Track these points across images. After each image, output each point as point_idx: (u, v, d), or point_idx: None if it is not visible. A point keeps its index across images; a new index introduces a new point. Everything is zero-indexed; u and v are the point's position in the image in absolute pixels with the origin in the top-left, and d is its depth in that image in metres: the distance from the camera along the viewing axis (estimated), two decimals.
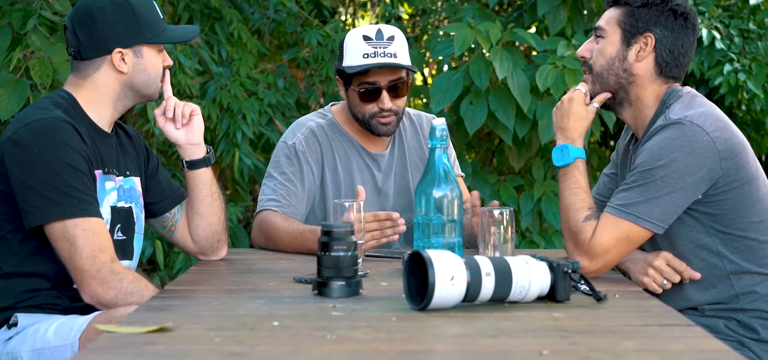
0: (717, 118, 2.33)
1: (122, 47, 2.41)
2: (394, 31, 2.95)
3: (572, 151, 2.45)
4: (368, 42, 2.90)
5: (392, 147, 3.10)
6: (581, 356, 1.51)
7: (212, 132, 4.91)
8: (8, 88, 3.77)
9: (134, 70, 2.43)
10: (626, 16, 2.45)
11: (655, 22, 2.42)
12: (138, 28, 2.42)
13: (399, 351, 1.55)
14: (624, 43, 2.44)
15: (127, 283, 2.27)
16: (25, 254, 2.37)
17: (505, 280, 1.90)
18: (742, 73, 5.12)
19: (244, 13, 5.39)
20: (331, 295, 2.01)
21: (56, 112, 2.34)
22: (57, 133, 2.29)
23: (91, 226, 2.27)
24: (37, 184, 2.27)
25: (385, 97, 2.92)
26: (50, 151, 2.27)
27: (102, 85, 2.43)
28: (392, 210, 3.02)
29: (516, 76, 4.58)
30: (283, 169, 2.96)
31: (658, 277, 2.39)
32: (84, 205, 2.28)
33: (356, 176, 3.03)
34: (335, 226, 2.02)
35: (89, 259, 2.26)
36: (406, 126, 3.15)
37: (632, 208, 2.29)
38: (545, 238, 5.01)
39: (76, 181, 2.28)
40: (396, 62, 2.88)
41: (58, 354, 2.27)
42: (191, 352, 1.53)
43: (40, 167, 2.27)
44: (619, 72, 2.45)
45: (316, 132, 3.01)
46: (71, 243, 2.26)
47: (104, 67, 2.42)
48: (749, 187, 2.34)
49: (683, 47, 2.44)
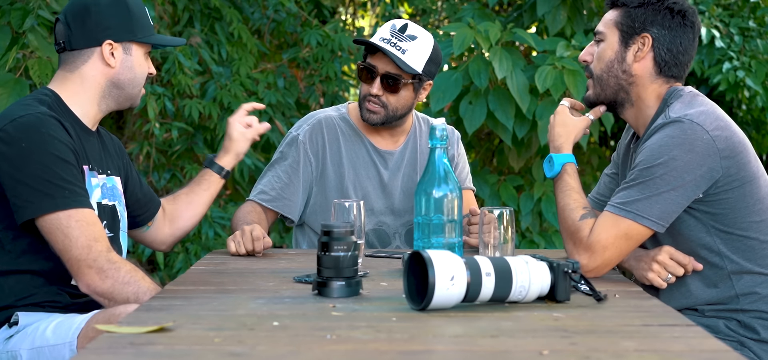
0: (717, 117, 2.33)
1: (113, 40, 2.44)
2: (422, 33, 2.95)
3: (557, 159, 2.48)
4: (390, 30, 2.93)
5: (404, 146, 3.10)
6: (581, 356, 1.51)
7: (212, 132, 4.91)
8: (7, 87, 3.77)
9: (122, 66, 2.46)
10: (623, 17, 2.45)
11: (652, 21, 2.42)
12: (130, 26, 2.46)
13: (399, 351, 1.55)
14: (622, 44, 2.45)
15: (124, 273, 2.27)
16: (18, 252, 2.37)
17: (505, 280, 1.89)
18: (741, 71, 5.12)
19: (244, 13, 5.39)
20: (331, 295, 2.00)
21: (41, 108, 2.35)
22: (44, 127, 2.30)
23: (84, 217, 2.28)
24: (28, 177, 2.27)
25: (377, 83, 2.92)
26: (39, 145, 2.28)
27: (89, 79, 2.45)
28: (397, 208, 3.05)
29: (515, 76, 4.58)
30: (285, 160, 3.03)
31: (662, 272, 2.39)
32: (76, 196, 2.29)
33: (361, 170, 3.04)
34: (335, 226, 2.02)
35: (85, 249, 2.26)
36: (423, 129, 3.14)
37: (631, 205, 2.29)
38: (545, 238, 5.01)
39: (66, 173, 2.29)
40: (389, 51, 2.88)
41: (57, 352, 2.27)
42: (191, 352, 1.53)
43: (30, 161, 2.27)
44: (618, 73, 2.45)
45: (323, 123, 3.05)
46: (65, 234, 2.26)
47: (93, 59, 2.44)
48: (750, 187, 2.34)
49: (682, 45, 2.44)
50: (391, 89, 2.93)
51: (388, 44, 2.89)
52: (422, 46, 2.92)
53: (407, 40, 2.90)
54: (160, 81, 4.74)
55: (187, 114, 4.70)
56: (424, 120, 3.17)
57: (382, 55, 2.91)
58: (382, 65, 2.92)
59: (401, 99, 2.96)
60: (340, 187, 3.01)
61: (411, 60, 2.89)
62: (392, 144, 3.09)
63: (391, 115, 2.97)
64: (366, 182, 3.04)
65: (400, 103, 2.96)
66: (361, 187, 3.03)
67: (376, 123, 2.98)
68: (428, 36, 2.96)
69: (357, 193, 3.02)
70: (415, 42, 2.91)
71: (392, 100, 2.95)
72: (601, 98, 2.50)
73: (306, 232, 3.10)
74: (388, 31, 2.92)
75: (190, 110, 4.68)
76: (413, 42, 2.91)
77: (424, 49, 2.92)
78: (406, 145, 3.10)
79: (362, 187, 3.03)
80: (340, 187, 3.01)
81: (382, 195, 3.05)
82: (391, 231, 3.05)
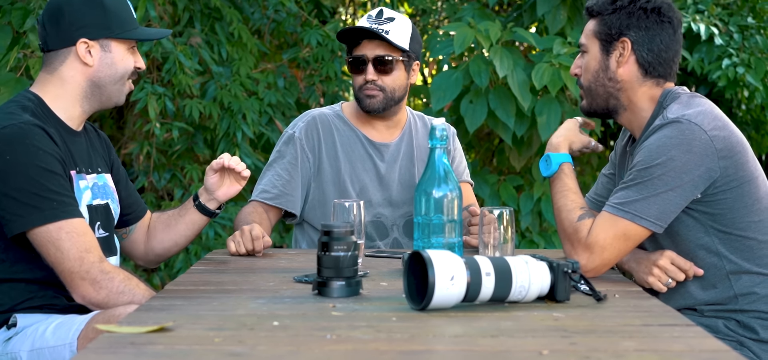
0: (715, 117, 2.33)
1: (88, 38, 2.41)
2: (397, 15, 3.04)
3: (555, 159, 2.50)
4: (368, 18, 3.01)
5: (400, 139, 3.14)
6: (581, 356, 1.51)
7: (212, 132, 4.91)
8: (9, 86, 3.78)
9: (100, 63, 2.43)
10: (600, 25, 2.47)
11: (628, 24, 2.42)
12: (106, 22, 2.42)
13: (399, 351, 1.55)
14: (603, 52, 2.46)
15: (118, 283, 2.27)
16: (12, 261, 2.36)
17: (505, 280, 1.90)
18: (740, 67, 5.12)
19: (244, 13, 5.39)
20: (331, 295, 2.00)
21: (25, 116, 2.32)
22: (28, 138, 2.27)
23: (74, 228, 2.27)
24: (15, 191, 2.25)
25: (370, 69, 2.99)
26: (24, 158, 2.26)
27: (68, 79, 2.43)
28: (395, 200, 3.08)
29: (516, 75, 4.58)
30: (282, 157, 3.06)
31: (663, 276, 2.39)
32: (64, 207, 2.27)
33: (358, 163, 3.07)
34: (335, 226, 2.02)
35: (77, 261, 2.25)
36: (418, 125, 3.20)
37: (629, 206, 2.29)
38: (545, 238, 5.01)
39: (53, 184, 2.27)
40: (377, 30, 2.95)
41: (57, 354, 2.27)
42: (191, 352, 1.53)
43: (16, 174, 2.25)
44: (605, 82, 2.46)
45: (317, 120, 3.09)
46: (56, 247, 2.25)
47: (70, 59, 2.42)
48: (749, 187, 2.34)
49: (663, 43, 2.43)
50: (385, 70, 3.01)
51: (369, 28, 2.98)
52: (402, 26, 3.02)
53: (387, 22, 3.00)
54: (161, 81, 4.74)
55: (187, 114, 4.70)
56: (420, 117, 3.23)
57: (368, 42, 3.00)
58: (371, 51, 3.00)
59: (396, 79, 3.03)
60: (337, 181, 3.04)
61: (396, 38, 2.98)
62: (388, 136, 3.13)
63: (390, 97, 3.03)
64: (363, 175, 3.06)
65: (396, 84, 3.03)
66: (358, 180, 3.05)
67: (377, 108, 3.03)
68: (405, 17, 3.07)
69: (354, 186, 3.04)
70: (395, 23, 3.01)
71: (388, 82, 3.01)
72: (593, 107, 2.52)
73: (305, 231, 3.11)
74: (367, 21, 3.01)
75: (191, 110, 4.68)
76: (393, 23, 3.00)
77: (404, 28, 3.02)
78: (402, 138, 3.14)
79: (359, 180, 3.05)
80: (338, 181, 3.04)
81: (379, 187, 3.08)
82: (389, 222, 3.07)
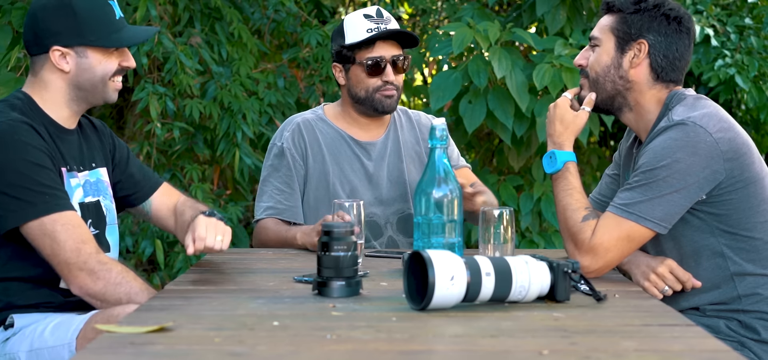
0: (721, 118, 2.33)
1: (61, 46, 2.39)
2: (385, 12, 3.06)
3: (560, 156, 2.46)
4: (370, 19, 3.01)
5: (386, 137, 3.13)
6: (581, 356, 1.51)
7: (212, 132, 4.91)
8: (9, 86, 3.78)
9: (77, 69, 2.41)
10: (619, 23, 2.44)
11: (648, 27, 2.42)
12: (79, 30, 2.39)
13: (399, 351, 1.55)
14: (618, 50, 2.44)
15: (116, 274, 2.27)
16: (5, 259, 2.36)
17: (505, 280, 1.90)
18: (732, 68, 5.11)
19: (244, 12, 5.38)
20: (331, 295, 2.01)
21: (12, 114, 2.33)
22: (17, 134, 2.28)
23: (69, 220, 2.27)
24: (6, 187, 2.26)
25: (390, 70, 3.00)
26: (13, 154, 2.27)
27: (50, 83, 2.43)
28: (385, 198, 3.07)
29: (514, 75, 4.57)
30: (277, 171, 3.05)
31: (659, 283, 2.39)
32: (57, 200, 2.28)
33: (345, 165, 3.06)
34: (335, 226, 2.02)
35: (74, 252, 2.25)
36: (403, 121, 3.18)
37: (634, 207, 2.29)
38: (545, 238, 5.00)
39: (44, 178, 2.28)
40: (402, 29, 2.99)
41: (56, 354, 2.27)
42: (191, 352, 1.53)
43: (6, 171, 2.26)
44: (615, 79, 2.45)
45: (302, 126, 3.08)
46: (52, 239, 2.25)
47: (48, 65, 2.42)
48: (755, 188, 2.34)
49: (678, 51, 2.43)
50: (399, 70, 3.04)
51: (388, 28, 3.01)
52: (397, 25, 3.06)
53: (389, 20, 3.03)
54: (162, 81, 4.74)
55: (187, 114, 4.70)
56: (404, 111, 3.22)
57: (383, 42, 3.00)
58: (387, 52, 3.01)
59: (403, 76, 3.08)
60: (326, 185, 3.03)
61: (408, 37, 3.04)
62: (374, 134, 3.12)
63: (399, 94, 3.08)
64: (351, 176, 3.05)
65: (402, 80, 3.08)
66: (347, 182, 3.04)
67: (394, 108, 3.07)
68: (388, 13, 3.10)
69: (344, 187, 3.03)
70: (393, 21, 3.04)
71: (400, 80, 3.06)
72: (596, 100, 2.49)
73: None
74: (373, 23, 3.00)
75: (191, 110, 4.68)
76: (392, 23, 3.04)
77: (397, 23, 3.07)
78: (388, 136, 3.13)
79: (348, 181, 3.04)
80: (327, 185, 3.03)
81: (369, 186, 3.07)
82: (381, 221, 3.06)
